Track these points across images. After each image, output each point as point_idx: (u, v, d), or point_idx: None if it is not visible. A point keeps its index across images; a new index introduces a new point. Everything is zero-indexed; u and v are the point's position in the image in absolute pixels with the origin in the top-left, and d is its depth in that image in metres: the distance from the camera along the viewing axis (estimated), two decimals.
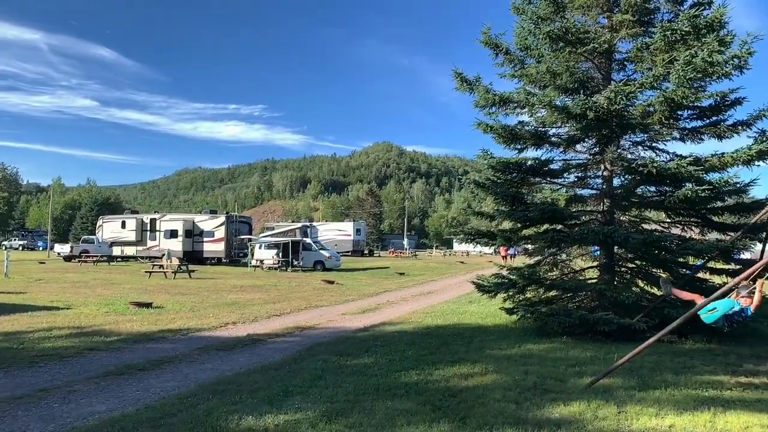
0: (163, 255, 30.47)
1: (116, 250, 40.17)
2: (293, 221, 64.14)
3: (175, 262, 27.07)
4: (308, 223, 50.69)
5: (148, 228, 39.84)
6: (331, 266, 31.98)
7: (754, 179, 10.44)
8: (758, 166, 9.79)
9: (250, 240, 36.06)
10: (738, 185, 10.06)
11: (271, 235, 37.36)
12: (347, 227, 56.38)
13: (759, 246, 9.97)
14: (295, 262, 31.72)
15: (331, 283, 22.76)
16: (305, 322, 12.52)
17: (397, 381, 6.97)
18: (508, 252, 37.83)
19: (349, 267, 34.70)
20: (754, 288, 6.14)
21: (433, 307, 15.26)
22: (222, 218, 38.68)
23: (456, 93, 11.65)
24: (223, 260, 38.06)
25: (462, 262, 47.24)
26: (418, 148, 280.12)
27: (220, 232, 37.79)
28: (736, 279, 6.72)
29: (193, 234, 38.29)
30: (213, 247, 38.01)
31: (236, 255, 38.21)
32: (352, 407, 5.89)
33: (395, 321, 12.56)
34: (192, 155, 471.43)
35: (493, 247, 13.07)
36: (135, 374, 7.50)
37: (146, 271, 26.03)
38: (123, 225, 40.75)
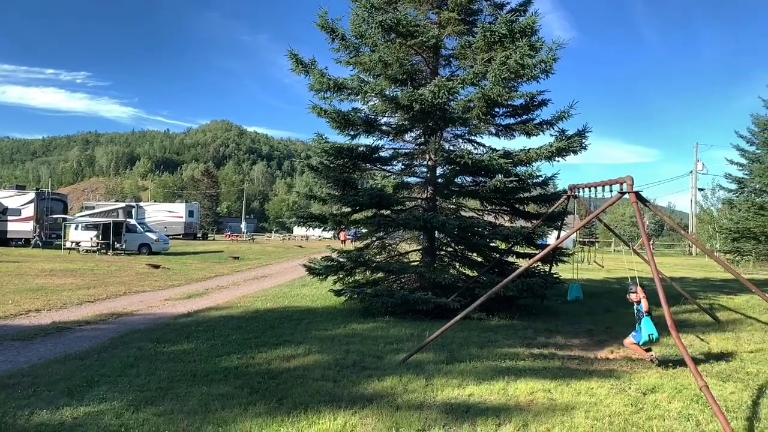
0: None
1: None
2: (117, 200, 59.16)
3: None
4: (134, 203, 47.06)
5: None
6: (158, 249, 30.11)
7: (555, 173, 11.83)
8: (558, 161, 11.06)
9: (64, 220, 32.60)
10: (541, 178, 11.27)
11: (90, 215, 34.11)
12: (179, 209, 53.39)
13: (556, 233, 11.29)
14: (117, 245, 29.34)
15: (157, 267, 21.43)
16: (122, 308, 11.66)
17: (216, 366, 6.79)
18: (348, 236, 38.56)
19: (179, 251, 32.97)
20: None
21: (265, 291, 15.07)
22: (31, 195, 34.43)
23: (299, 75, 11.52)
24: (32, 242, 34.00)
25: (300, 247, 47.29)
26: (259, 129, 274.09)
27: (29, 211, 33.62)
28: (531, 261, 7.52)
29: None
30: (19, 227, 33.72)
31: (48, 236, 34.34)
32: (165, 395, 5.64)
33: (223, 306, 12.19)
34: None
35: (332, 232, 13.23)
36: None
37: None
38: None
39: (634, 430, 4.73)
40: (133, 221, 32.38)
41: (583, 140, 10.78)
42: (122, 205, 40.21)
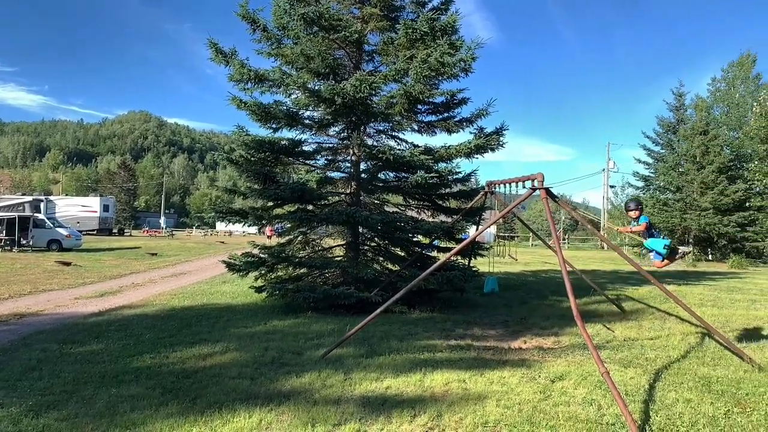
0: None
1: None
2: (24, 194, 55.36)
3: None
4: (42, 197, 44.27)
5: None
6: (69, 246, 28.45)
7: (474, 170, 12.12)
8: (477, 158, 11.36)
9: None
10: (461, 174, 11.53)
11: None
12: (93, 203, 50.55)
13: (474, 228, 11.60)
14: (24, 241, 27.53)
15: (68, 264, 20.28)
16: (27, 308, 10.98)
17: (127, 366, 6.52)
18: (274, 232, 37.85)
19: (93, 247, 31.31)
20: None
21: (183, 289, 14.60)
22: None
23: (219, 65, 11.20)
24: None
25: (223, 242, 46.08)
26: (180, 121, 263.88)
27: None
28: (448, 254, 7.69)
29: None
30: None
31: None
32: (69, 398, 5.37)
33: (137, 304, 11.70)
34: None
35: (257, 227, 12.79)
36: None
37: None
38: None
39: (542, 416, 4.94)
40: (41, 216, 30.52)
41: (501, 138, 11.11)
42: (29, 198, 37.90)
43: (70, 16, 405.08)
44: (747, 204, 33.39)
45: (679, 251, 7.46)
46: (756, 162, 33.51)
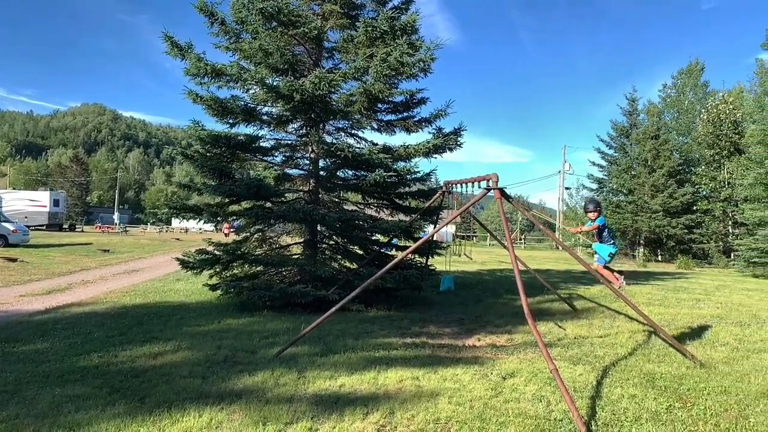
0: None
1: None
2: None
3: None
4: None
5: None
6: (16, 241, 27.38)
7: (433, 169, 12.19)
8: (435, 158, 11.45)
9: None
10: (420, 174, 11.59)
11: None
12: (42, 197, 48.82)
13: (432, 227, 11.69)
14: None
15: (14, 260, 19.50)
16: None
17: (73, 366, 6.34)
18: (232, 229, 37.16)
19: (42, 243, 30.22)
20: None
21: (135, 286, 14.24)
22: None
23: (175, 59, 10.98)
24: None
25: (178, 239, 45.11)
26: (136, 114, 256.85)
27: None
28: (404, 253, 7.72)
29: None
30: None
31: None
32: (10, 399, 5.20)
33: (87, 302, 11.36)
34: None
35: (214, 224, 12.28)
36: None
37: None
38: None
39: (492, 412, 5.02)
40: None
41: (459, 138, 11.24)
42: None
43: (19, 3, 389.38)
44: (694, 207, 34.71)
45: (621, 283, 7.75)
46: (703, 167, 34.86)
